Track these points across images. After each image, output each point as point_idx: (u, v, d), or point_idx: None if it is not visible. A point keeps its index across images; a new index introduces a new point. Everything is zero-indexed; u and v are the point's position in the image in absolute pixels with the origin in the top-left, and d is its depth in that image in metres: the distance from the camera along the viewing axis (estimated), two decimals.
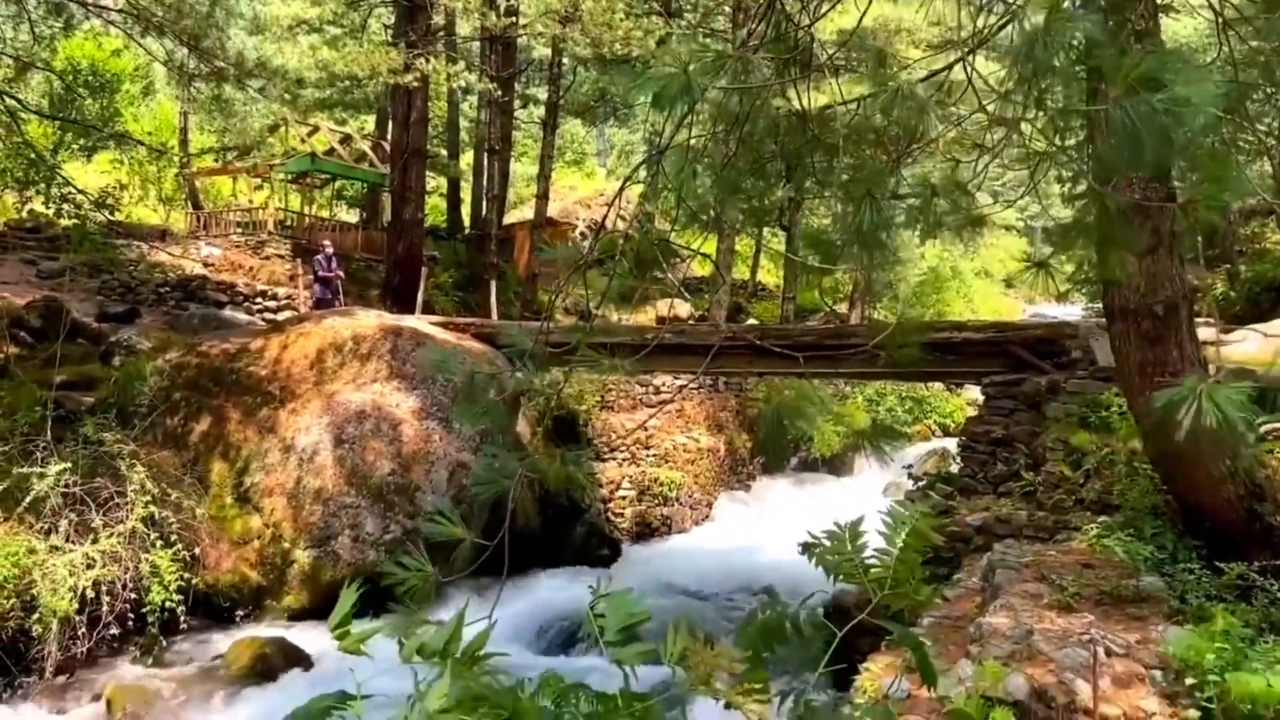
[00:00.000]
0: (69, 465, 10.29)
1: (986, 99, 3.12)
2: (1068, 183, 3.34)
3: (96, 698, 9.37)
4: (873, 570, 1.91)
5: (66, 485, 10.18)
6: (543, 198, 23.93)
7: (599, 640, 1.97)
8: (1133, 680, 5.21)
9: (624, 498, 16.97)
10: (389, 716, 1.64)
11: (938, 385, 22.01)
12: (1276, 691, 3.90)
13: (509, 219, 29.59)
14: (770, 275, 32.56)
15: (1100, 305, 7.88)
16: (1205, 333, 10.69)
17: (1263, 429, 8.27)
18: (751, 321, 24.34)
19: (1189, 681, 5.05)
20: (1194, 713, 4.91)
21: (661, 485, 17.27)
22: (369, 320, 14.24)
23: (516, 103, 27.92)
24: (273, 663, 10.21)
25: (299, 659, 10.45)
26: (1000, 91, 3.01)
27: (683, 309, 25.51)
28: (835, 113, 3.11)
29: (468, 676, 1.62)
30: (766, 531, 16.49)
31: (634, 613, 1.82)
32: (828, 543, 2.04)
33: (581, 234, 33.57)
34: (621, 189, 2.79)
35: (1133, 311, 6.56)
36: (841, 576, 2.00)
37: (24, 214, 14.18)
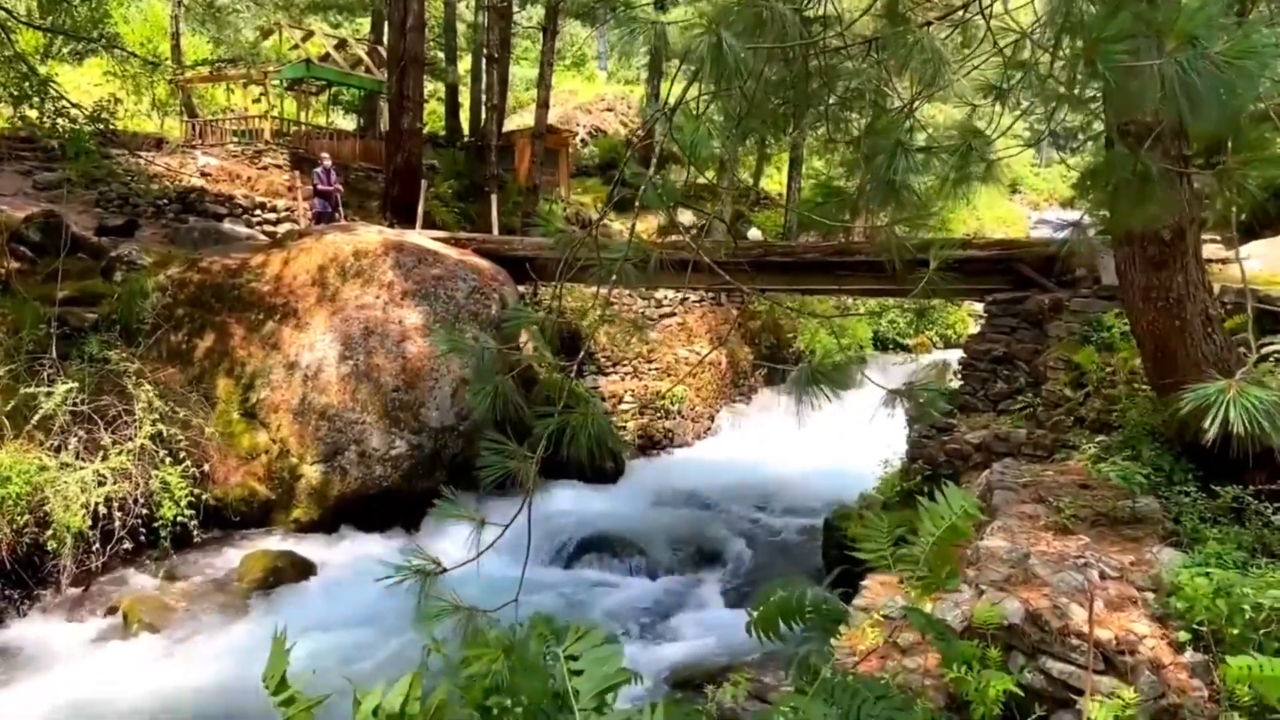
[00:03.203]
0: (76, 384, 10.35)
1: (1003, 39, 3.05)
2: (1091, 118, 3.28)
3: (112, 609, 9.62)
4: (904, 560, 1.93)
5: (74, 404, 10.26)
6: (543, 106, 23.48)
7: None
8: (1125, 603, 5.33)
9: (626, 411, 17.10)
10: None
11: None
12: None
13: (508, 126, 29.12)
14: (774, 183, 32.21)
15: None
16: (1211, 249, 10.61)
17: (1263, 350, 8.28)
18: (754, 231, 24.16)
19: (1180, 605, 5.16)
20: (1184, 635, 5.03)
21: (664, 399, 17.40)
22: (370, 236, 14.15)
23: (515, 4, 27.22)
24: (284, 574, 10.46)
25: (309, 570, 10.70)
26: (1021, 31, 2.94)
27: (684, 217, 25.29)
28: (846, 54, 3.04)
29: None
30: (768, 444, 16.67)
31: (612, 673, 1.68)
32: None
33: (582, 140, 33.11)
34: (633, 148, 2.75)
35: (1139, 236, 6.50)
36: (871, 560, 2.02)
37: (17, 123, 13.94)
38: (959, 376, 10.94)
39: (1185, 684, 4.81)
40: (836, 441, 14.76)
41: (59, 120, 12.60)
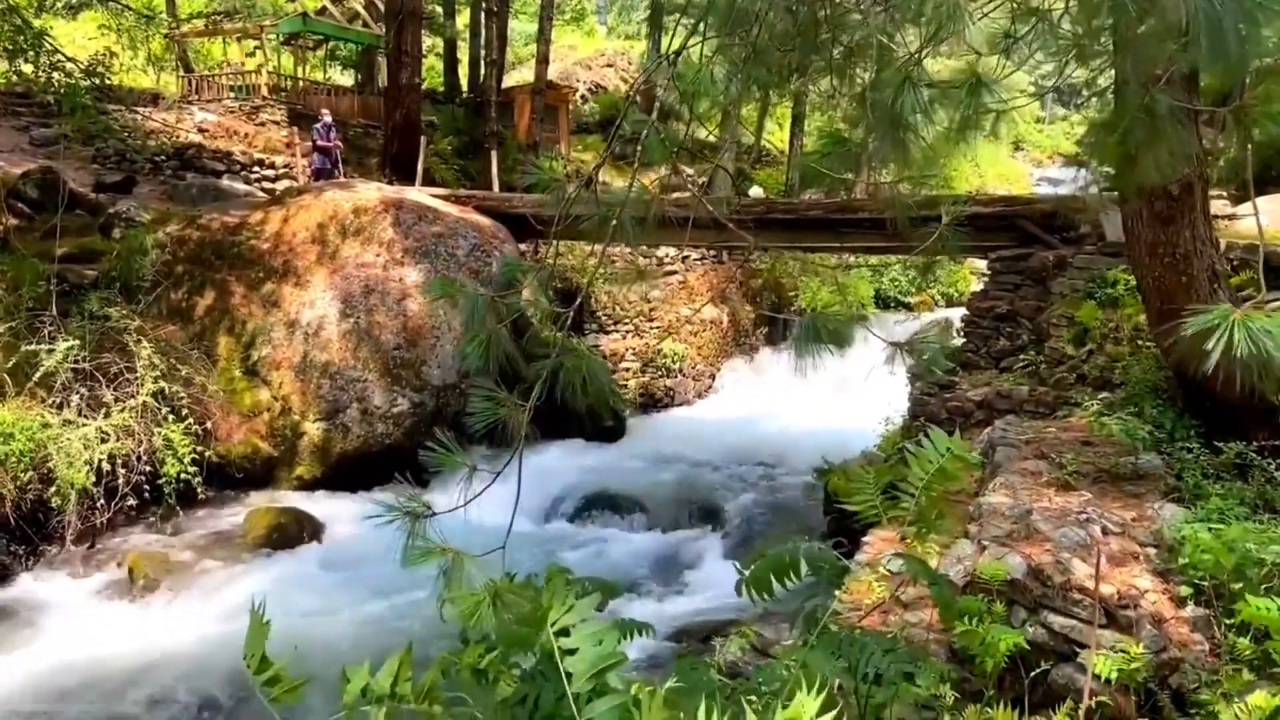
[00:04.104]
0: (77, 341, 10.33)
1: None
2: (1098, 71, 3.22)
3: (118, 565, 9.68)
4: (899, 508, 1.91)
5: (75, 361, 10.25)
6: (542, 61, 23.24)
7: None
8: (1127, 558, 5.35)
9: (628, 370, 17.10)
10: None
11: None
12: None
13: (508, 82, 28.81)
14: (776, 139, 31.94)
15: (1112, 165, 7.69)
16: (1216, 205, 10.51)
17: (1269, 306, 8.24)
18: (756, 189, 23.99)
19: (1182, 560, 5.18)
20: (1186, 589, 5.05)
21: (665, 357, 17.39)
22: (369, 193, 14.05)
23: None
24: (288, 531, 10.51)
25: (313, 526, 10.75)
26: None
27: (686, 172, 25.07)
28: (854, 3, 2.99)
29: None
30: (769, 402, 16.70)
31: (608, 654, 1.57)
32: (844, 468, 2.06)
33: (582, 97, 32.77)
34: (633, 94, 2.70)
35: (1147, 191, 6.44)
36: (861, 512, 2.00)
37: (13, 78, 13.80)
38: (961, 334, 10.92)
39: (1187, 638, 4.83)
40: (837, 400, 14.77)
41: (54, 74, 12.47)
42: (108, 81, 14.18)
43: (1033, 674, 4.37)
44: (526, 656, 1.81)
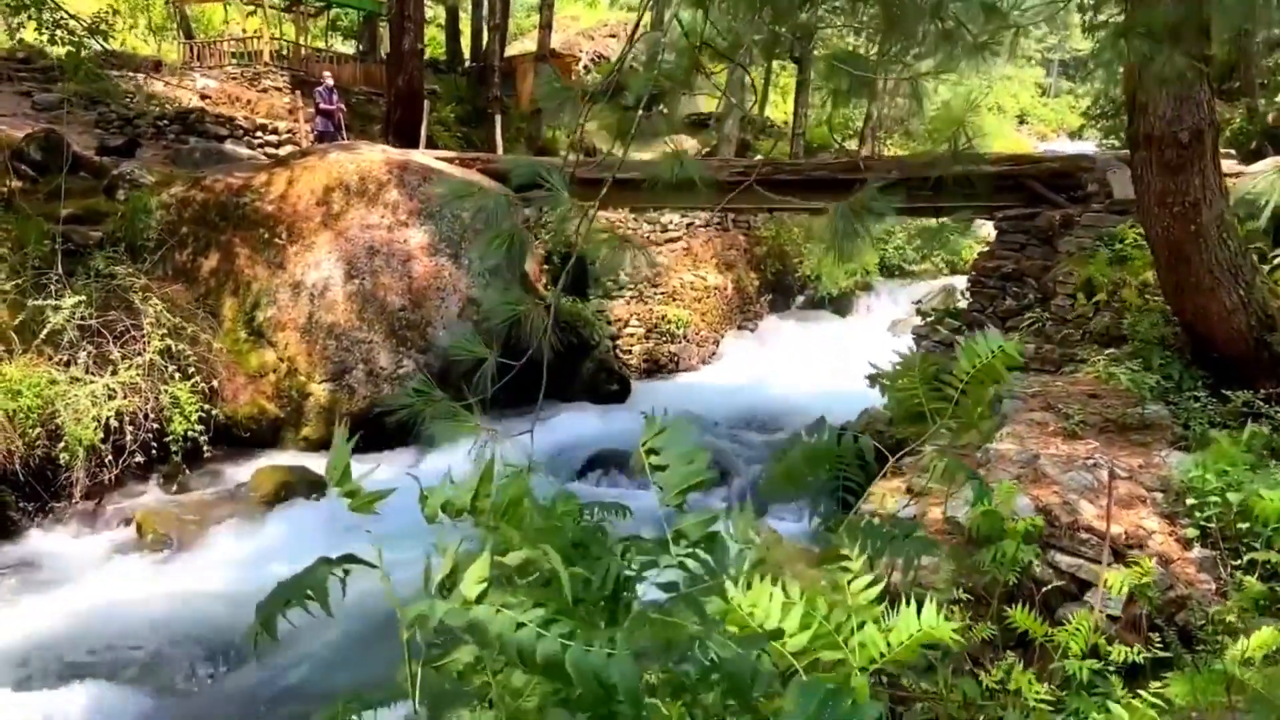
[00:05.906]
0: (83, 299, 10.33)
1: None
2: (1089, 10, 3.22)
3: (126, 522, 9.72)
4: (934, 402, 1.90)
5: (82, 318, 10.25)
6: (545, 28, 23.14)
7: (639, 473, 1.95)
8: (1135, 501, 5.39)
9: (632, 335, 17.12)
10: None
11: (947, 221, 21.83)
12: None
13: (510, 50, 28.66)
14: (779, 111, 31.78)
15: (1117, 140, 7.68)
16: (1227, 164, 10.48)
17: (1276, 259, 8.25)
18: (759, 158, 23.89)
19: (1189, 502, 5.21)
20: (1192, 531, 5.09)
21: (669, 323, 17.40)
22: (374, 155, 14.00)
23: None
24: (295, 489, 10.54)
25: (321, 486, 10.77)
26: None
27: (688, 145, 25.02)
28: None
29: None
30: (773, 369, 16.73)
31: (698, 471, 1.63)
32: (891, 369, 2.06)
33: (585, 67, 32.59)
34: (644, 7, 2.69)
35: (1157, 139, 6.43)
36: (899, 407, 1.99)
37: (15, 43, 13.74)
38: (967, 295, 10.92)
39: (1194, 578, 4.88)
40: (839, 367, 14.76)
41: (58, 31, 12.40)
42: (110, 43, 14.12)
43: (1042, 591, 4.42)
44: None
